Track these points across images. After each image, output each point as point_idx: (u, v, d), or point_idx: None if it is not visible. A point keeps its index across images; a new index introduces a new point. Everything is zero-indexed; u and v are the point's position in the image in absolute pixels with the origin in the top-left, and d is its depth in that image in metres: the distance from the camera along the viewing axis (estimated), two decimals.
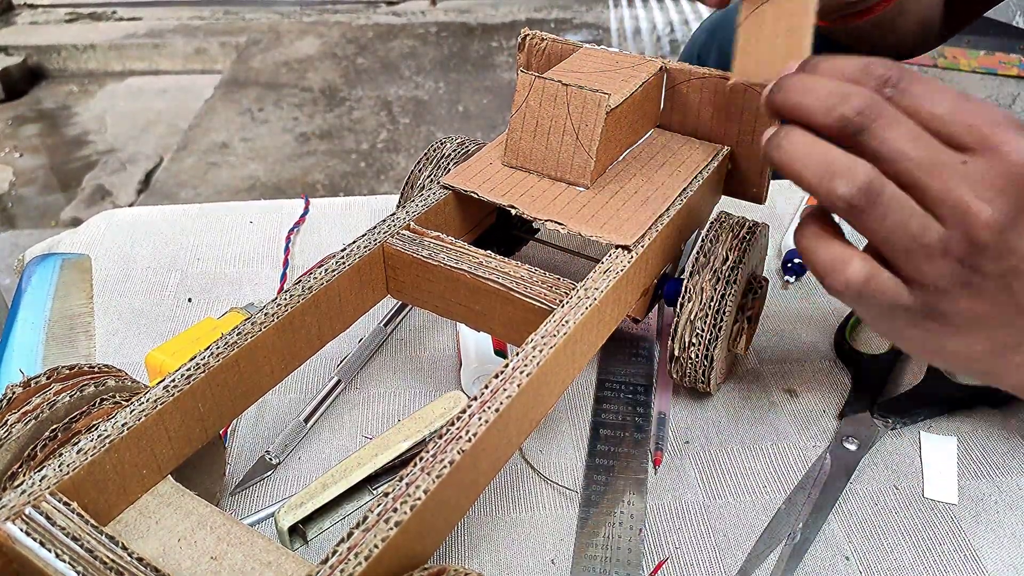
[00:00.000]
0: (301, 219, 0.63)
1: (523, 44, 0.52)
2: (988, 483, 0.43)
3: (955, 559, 0.39)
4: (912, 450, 0.44)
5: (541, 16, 3.12)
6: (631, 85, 0.46)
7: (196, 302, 0.55)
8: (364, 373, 0.50)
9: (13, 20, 3.15)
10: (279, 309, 0.36)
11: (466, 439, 0.30)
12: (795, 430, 0.46)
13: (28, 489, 0.28)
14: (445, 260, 0.40)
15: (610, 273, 0.38)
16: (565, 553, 0.39)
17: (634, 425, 0.46)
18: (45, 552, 0.26)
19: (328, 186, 2.12)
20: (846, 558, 0.39)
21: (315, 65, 2.80)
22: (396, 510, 0.27)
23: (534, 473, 0.43)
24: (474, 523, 0.41)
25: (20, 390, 0.33)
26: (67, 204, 2.11)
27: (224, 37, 2.99)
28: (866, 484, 0.43)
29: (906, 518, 0.41)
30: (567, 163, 0.44)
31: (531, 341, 0.34)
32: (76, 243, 0.61)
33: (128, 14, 3.22)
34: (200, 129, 2.41)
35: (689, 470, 0.44)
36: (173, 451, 0.32)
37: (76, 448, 0.29)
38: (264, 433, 0.46)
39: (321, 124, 2.41)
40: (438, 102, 2.53)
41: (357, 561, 0.26)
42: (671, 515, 0.41)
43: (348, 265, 0.39)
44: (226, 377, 0.34)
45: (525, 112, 0.44)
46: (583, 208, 0.42)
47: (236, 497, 0.42)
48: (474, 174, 0.45)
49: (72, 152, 2.36)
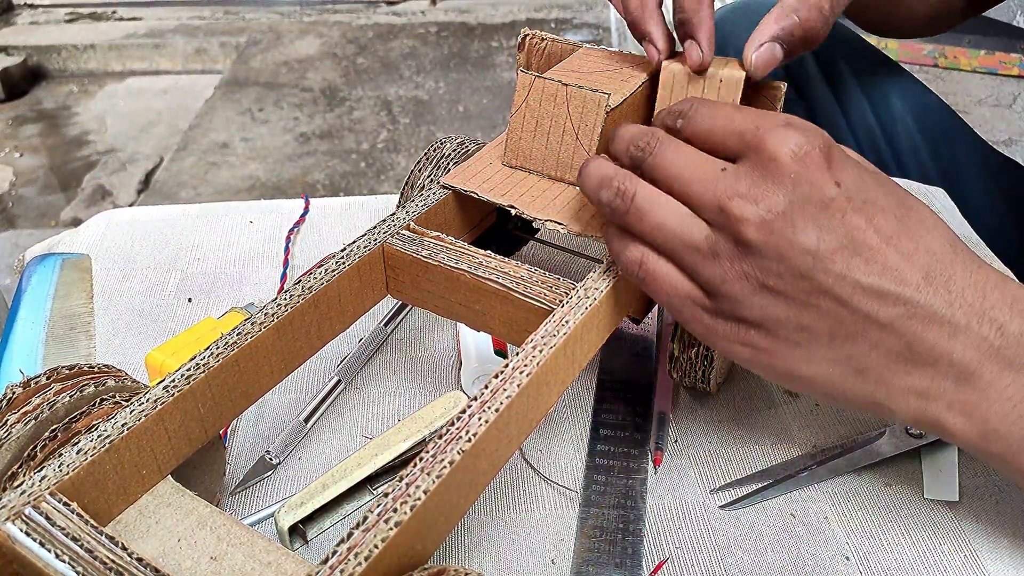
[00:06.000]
0: (301, 219, 0.63)
1: (523, 44, 0.52)
2: (988, 483, 0.43)
3: (955, 559, 0.39)
4: (912, 450, 0.44)
5: (541, 16, 3.11)
6: (631, 85, 0.46)
7: (196, 302, 0.55)
8: (364, 373, 0.50)
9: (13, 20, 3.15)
10: (279, 309, 0.36)
11: (466, 439, 0.30)
12: (795, 430, 0.46)
13: (28, 489, 0.28)
14: (445, 260, 0.40)
15: (610, 273, 0.38)
16: (565, 553, 0.39)
17: (634, 425, 0.46)
18: (45, 552, 0.26)
19: (328, 186, 2.11)
20: (846, 558, 0.39)
21: (315, 65, 2.79)
22: (396, 510, 0.27)
23: (534, 473, 0.43)
24: (474, 523, 0.41)
25: (20, 390, 0.33)
26: (67, 204, 2.11)
27: (224, 37, 2.98)
28: (866, 484, 0.43)
29: (906, 518, 0.41)
30: (567, 163, 0.44)
31: (531, 341, 0.34)
32: (76, 243, 0.61)
33: (128, 14, 3.22)
34: (200, 129, 2.41)
35: (689, 470, 0.44)
36: (173, 451, 0.32)
37: (76, 448, 0.29)
38: (264, 433, 0.46)
39: (321, 124, 2.41)
40: (438, 102, 2.53)
41: (357, 561, 0.26)
42: (671, 515, 0.41)
43: (348, 265, 0.39)
44: (226, 377, 0.34)
45: (525, 112, 0.44)
46: (583, 208, 0.42)
47: (236, 497, 0.42)
48: (474, 174, 0.45)
49: (72, 152, 2.36)
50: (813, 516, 0.41)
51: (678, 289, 0.35)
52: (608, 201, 0.36)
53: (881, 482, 0.43)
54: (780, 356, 0.34)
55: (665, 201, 0.35)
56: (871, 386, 0.34)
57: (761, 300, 0.33)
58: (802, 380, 0.35)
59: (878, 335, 0.32)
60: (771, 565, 0.39)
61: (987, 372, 0.32)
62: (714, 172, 0.34)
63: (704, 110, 0.36)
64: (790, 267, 0.32)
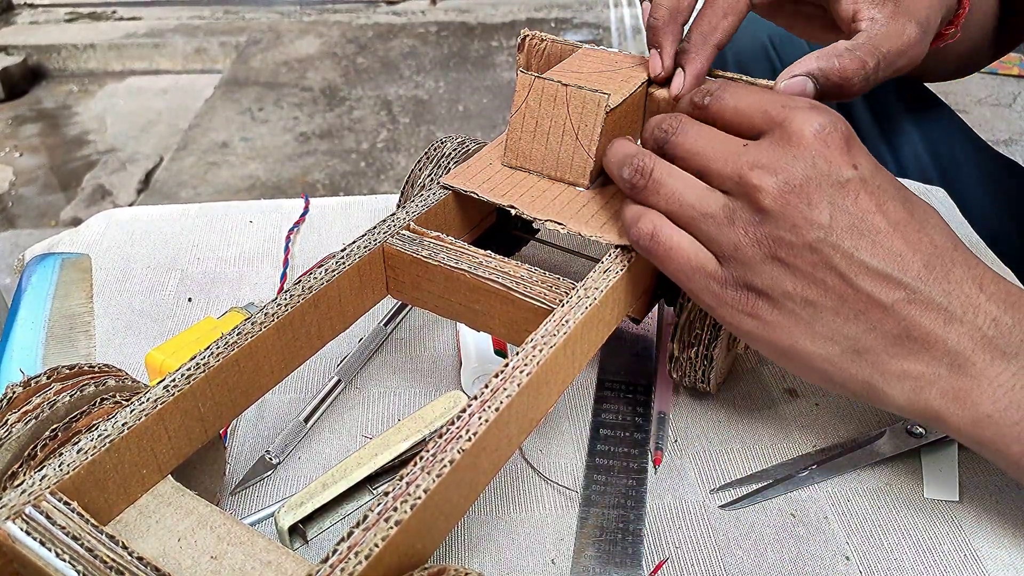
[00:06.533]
0: (301, 219, 0.63)
1: (523, 44, 0.52)
2: (988, 483, 0.43)
3: (955, 559, 0.39)
4: (912, 449, 0.44)
5: (541, 16, 3.11)
6: (631, 85, 0.46)
7: (196, 302, 0.55)
8: (364, 373, 0.50)
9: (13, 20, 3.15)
10: (279, 309, 0.36)
11: (466, 438, 0.30)
12: (795, 430, 0.46)
13: (28, 488, 0.28)
14: (445, 260, 0.40)
15: (610, 273, 0.38)
16: (565, 553, 0.39)
17: (634, 425, 0.46)
18: (45, 551, 0.26)
19: (328, 186, 2.11)
20: (846, 558, 0.39)
21: (315, 65, 2.79)
22: (396, 509, 0.27)
23: (534, 473, 0.43)
24: (474, 523, 0.41)
25: (20, 390, 0.33)
26: (67, 204, 2.11)
27: (224, 37, 2.98)
28: (865, 484, 0.43)
29: (906, 518, 0.41)
30: (567, 163, 0.44)
31: (531, 341, 0.34)
32: (76, 243, 0.61)
33: (128, 14, 3.22)
34: (200, 129, 2.41)
35: (689, 470, 0.44)
36: (173, 451, 0.32)
37: (76, 448, 0.29)
38: (264, 433, 0.46)
39: (321, 124, 2.41)
40: (438, 102, 2.53)
41: (357, 560, 0.26)
42: (671, 515, 0.41)
43: (348, 265, 0.39)
44: (226, 377, 0.34)
45: (525, 112, 0.44)
46: (583, 208, 0.42)
47: (236, 497, 0.42)
48: (474, 174, 0.45)
49: (72, 152, 2.36)
50: (813, 516, 0.41)
51: (690, 259, 0.37)
52: (628, 177, 0.38)
53: (881, 482, 0.43)
54: (784, 329, 0.35)
55: (681, 175, 0.37)
56: (867, 368, 0.35)
57: (772, 269, 0.35)
58: (801, 356, 0.36)
59: (878, 316, 0.34)
60: (771, 565, 0.39)
61: (980, 360, 0.33)
62: (736, 147, 0.36)
63: (733, 87, 0.38)
64: (801, 239, 0.34)
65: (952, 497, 0.42)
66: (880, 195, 0.34)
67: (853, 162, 0.34)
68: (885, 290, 0.33)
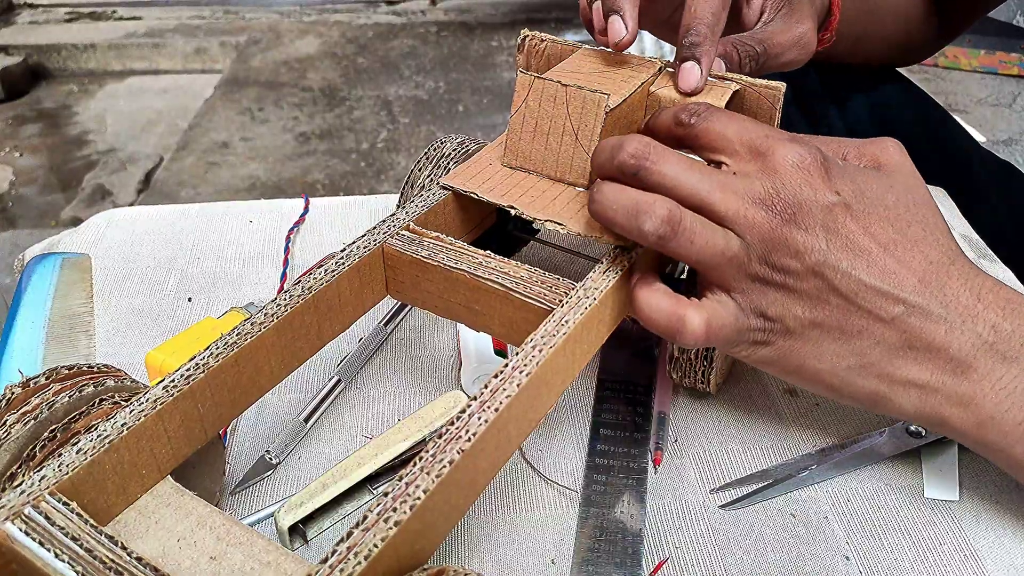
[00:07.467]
0: (301, 219, 0.63)
1: (522, 45, 0.52)
2: (988, 483, 0.43)
3: (955, 559, 0.39)
4: (912, 449, 0.44)
5: (541, 16, 3.12)
6: (631, 85, 0.46)
7: (196, 302, 0.55)
8: (364, 373, 0.50)
9: (13, 20, 3.15)
10: (279, 309, 0.36)
11: (466, 439, 0.30)
12: (795, 430, 0.46)
13: (27, 489, 0.28)
14: (445, 260, 0.40)
15: (610, 273, 0.38)
16: (565, 553, 0.39)
17: (634, 425, 0.46)
18: (44, 552, 0.26)
19: (328, 186, 2.11)
20: (846, 558, 0.39)
21: (315, 65, 2.79)
22: (396, 510, 0.27)
23: (534, 473, 0.43)
24: (474, 523, 0.41)
25: (19, 390, 0.33)
26: (67, 204, 2.11)
27: (224, 37, 2.98)
28: (865, 484, 0.43)
29: (906, 518, 0.41)
30: (567, 163, 0.44)
31: (531, 341, 0.34)
32: (76, 243, 0.61)
33: (128, 14, 3.22)
34: (200, 129, 2.41)
35: (689, 470, 0.44)
36: (173, 451, 0.32)
37: (75, 448, 0.29)
38: (264, 433, 0.46)
39: (321, 124, 2.41)
40: (438, 102, 2.53)
41: (357, 561, 0.26)
42: (671, 515, 0.41)
43: (348, 265, 0.39)
44: (226, 377, 0.34)
45: (524, 112, 0.44)
46: (583, 208, 0.42)
47: (236, 497, 0.42)
48: (474, 174, 0.45)
49: (72, 152, 2.36)
50: (813, 516, 0.41)
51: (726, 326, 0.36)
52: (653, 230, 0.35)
53: (881, 482, 0.43)
54: (794, 352, 0.36)
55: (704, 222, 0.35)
56: (874, 380, 0.36)
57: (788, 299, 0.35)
58: (811, 374, 0.36)
59: (881, 331, 0.35)
60: (771, 565, 0.39)
61: (982, 365, 0.35)
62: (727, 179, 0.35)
63: (717, 112, 0.37)
64: (804, 264, 0.34)
65: (952, 497, 0.42)
66: (865, 218, 0.35)
67: (834, 188, 0.35)
68: (885, 305, 0.34)
